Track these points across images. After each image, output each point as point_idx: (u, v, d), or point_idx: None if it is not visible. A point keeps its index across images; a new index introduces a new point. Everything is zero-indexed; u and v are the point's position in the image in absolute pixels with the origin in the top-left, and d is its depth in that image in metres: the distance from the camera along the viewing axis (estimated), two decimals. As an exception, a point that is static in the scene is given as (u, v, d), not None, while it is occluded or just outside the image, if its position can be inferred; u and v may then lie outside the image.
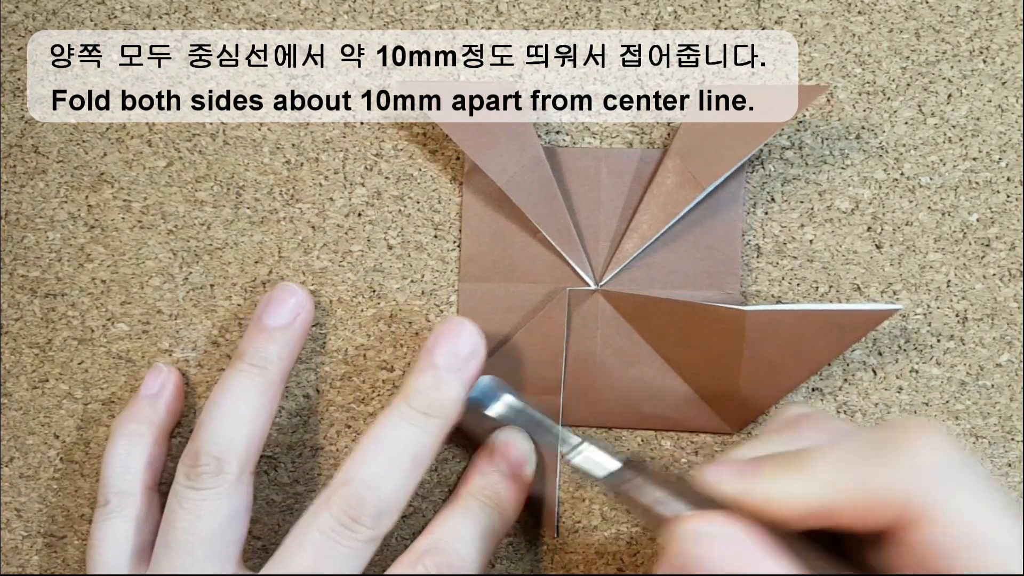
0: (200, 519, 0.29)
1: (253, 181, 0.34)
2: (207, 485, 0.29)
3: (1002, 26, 0.32)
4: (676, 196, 0.31)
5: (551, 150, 0.33)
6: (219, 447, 0.29)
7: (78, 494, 0.35)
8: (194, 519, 0.29)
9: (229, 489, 0.29)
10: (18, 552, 0.35)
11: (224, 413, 0.30)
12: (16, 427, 0.35)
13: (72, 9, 0.35)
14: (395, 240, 0.34)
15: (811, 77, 0.32)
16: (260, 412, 0.30)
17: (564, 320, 0.32)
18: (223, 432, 0.29)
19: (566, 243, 0.32)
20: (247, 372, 0.30)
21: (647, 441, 0.33)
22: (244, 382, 0.30)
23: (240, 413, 0.30)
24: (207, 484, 0.29)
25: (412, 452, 0.28)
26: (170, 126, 0.34)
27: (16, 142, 0.35)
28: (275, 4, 0.34)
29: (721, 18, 0.33)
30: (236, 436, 0.30)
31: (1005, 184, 0.32)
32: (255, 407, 0.30)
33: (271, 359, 0.31)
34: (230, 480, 0.29)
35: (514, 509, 0.31)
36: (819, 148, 0.32)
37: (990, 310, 0.32)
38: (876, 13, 0.32)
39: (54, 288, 0.35)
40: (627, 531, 0.33)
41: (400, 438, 0.28)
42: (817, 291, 0.32)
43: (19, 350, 0.35)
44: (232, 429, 0.30)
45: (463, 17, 0.33)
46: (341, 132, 0.34)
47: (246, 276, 0.34)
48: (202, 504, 0.29)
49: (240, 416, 0.30)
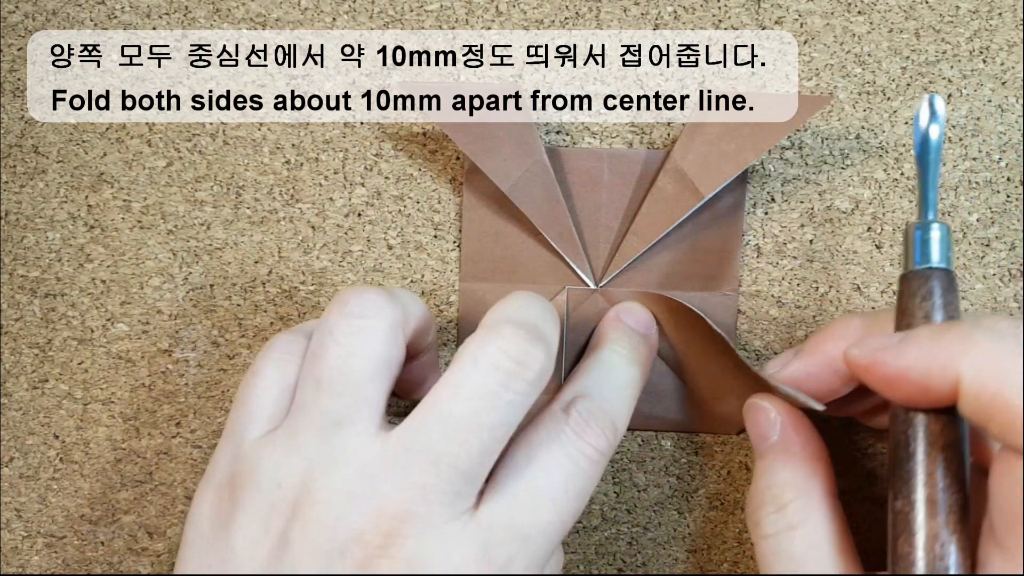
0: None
1: (253, 181, 0.34)
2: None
3: (1002, 26, 0.32)
4: (676, 203, 0.31)
5: (553, 150, 0.33)
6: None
7: (78, 494, 0.35)
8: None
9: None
10: (18, 552, 0.35)
11: None
12: (16, 427, 0.35)
13: (72, 9, 0.35)
14: (395, 240, 0.34)
15: (811, 77, 0.32)
16: None
17: (564, 320, 0.32)
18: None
19: (567, 245, 0.32)
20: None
21: (647, 441, 0.33)
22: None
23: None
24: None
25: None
26: (170, 126, 0.34)
27: (16, 142, 0.35)
28: (275, 4, 0.34)
29: (721, 18, 0.33)
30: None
31: (1005, 184, 0.32)
32: None
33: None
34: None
35: (649, 367, 0.30)
36: (819, 148, 0.32)
37: (990, 310, 0.32)
38: (876, 13, 0.32)
39: (54, 288, 0.35)
40: (627, 531, 0.33)
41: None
42: (817, 291, 0.32)
43: (19, 350, 0.35)
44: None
45: (463, 17, 0.33)
46: (341, 132, 0.34)
47: (246, 276, 0.34)
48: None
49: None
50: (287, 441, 0.26)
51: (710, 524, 0.33)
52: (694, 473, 0.33)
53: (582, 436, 0.26)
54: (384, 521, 0.24)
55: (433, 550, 0.24)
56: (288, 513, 0.25)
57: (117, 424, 0.34)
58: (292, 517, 0.25)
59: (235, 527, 0.25)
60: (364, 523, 0.24)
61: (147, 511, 0.34)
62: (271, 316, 0.34)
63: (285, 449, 0.25)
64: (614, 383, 0.28)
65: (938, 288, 0.25)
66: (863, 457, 0.32)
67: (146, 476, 0.34)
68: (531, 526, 0.25)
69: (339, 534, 0.24)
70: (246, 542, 0.25)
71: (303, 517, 0.24)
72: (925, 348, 0.23)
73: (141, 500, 0.34)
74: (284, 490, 0.25)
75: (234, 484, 0.26)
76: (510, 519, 0.25)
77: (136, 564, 0.34)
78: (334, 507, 0.24)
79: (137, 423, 0.34)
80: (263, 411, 0.27)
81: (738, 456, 0.33)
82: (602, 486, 0.33)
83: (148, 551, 0.34)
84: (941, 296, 0.25)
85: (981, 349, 0.23)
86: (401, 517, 0.24)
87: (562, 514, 0.25)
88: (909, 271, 0.26)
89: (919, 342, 0.24)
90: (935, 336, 0.24)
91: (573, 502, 0.26)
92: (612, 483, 0.33)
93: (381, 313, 0.26)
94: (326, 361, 0.26)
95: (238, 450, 0.26)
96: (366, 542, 0.24)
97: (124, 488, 0.34)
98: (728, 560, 0.33)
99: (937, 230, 0.26)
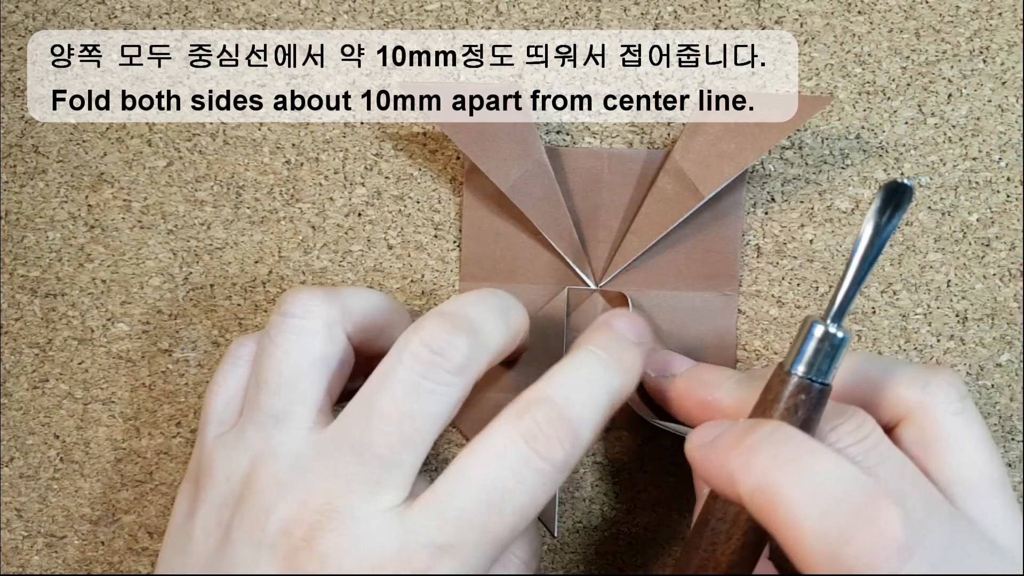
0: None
1: (253, 181, 0.34)
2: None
3: (1002, 26, 0.32)
4: (676, 203, 0.31)
5: (553, 150, 0.33)
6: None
7: (78, 494, 0.35)
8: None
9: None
10: (18, 552, 0.35)
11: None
12: (16, 427, 0.35)
13: (72, 9, 0.35)
14: (395, 240, 0.34)
15: (811, 77, 0.32)
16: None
17: (564, 320, 0.32)
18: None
19: (567, 246, 0.32)
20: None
21: (647, 441, 0.33)
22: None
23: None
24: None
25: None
26: (170, 126, 0.34)
27: (16, 142, 0.35)
28: (275, 4, 0.34)
29: (721, 18, 0.33)
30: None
31: (1005, 184, 0.32)
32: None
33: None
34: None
35: (636, 377, 0.27)
36: (819, 148, 0.32)
37: (990, 310, 0.32)
38: (876, 13, 0.32)
39: (54, 288, 0.35)
40: (627, 531, 0.33)
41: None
42: (817, 291, 0.32)
43: (19, 350, 0.35)
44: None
45: (463, 17, 0.33)
46: (341, 132, 0.34)
47: (246, 276, 0.34)
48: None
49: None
50: (236, 439, 0.27)
51: (710, 524, 0.33)
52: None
53: (532, 445, 0.24)
54: (308, 514, 0.24)
55: (351, 545, 0.24)
56: (234, 505, 0.26)
57: (117, 424, 0.34)
58: (235, 509, 0.25)
59: (196, 519, 0.26)
60: (291, 515, 0.24)
61: (147, 511, 0.34)
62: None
63: (234, 446, 0.27)
64: (585, 388, 0.26)
65: (806, 405, 0.24)
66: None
67: (146, 476, 0.34)
68: (455, 534, 0.24)
69: (270, 526, 0.24)
70: (202, 533, 0.26)
71: (242, 510, 0.25)
72: (720, 460, 0.23)
73: (141, 500, 0.34)
74: (232, 484, 0.26)
75: (199, 479, 0.27)
76: (435, 524, 0.24)
77: (136, 564, 0.34)
78: (266, 499, 0.25)
79: (137, 423, 0.34)
80: (217, 414, 0.28)
81: (738, 456, 0.33)
82: (602, 486, 0.33)
83: (148, 551, 0.34)
84: (805, 413, 0.24)
85: (757, 472, 0.22)
86: (324, 510, 0.24)
87: (493, 527, 0.24)
88: (790, 371, 0.24)
89: (718, 449, 0.23)
90: (729, 447, 0.23)
91: (508, 517, 0.24)
92: (612, 483, 0.33)
93: (313, 312, 0.27)
94: (263, 361, 0.27)
95: (201, 449, 0.28)
96: (291, 534, 0.24)
97: (124, 488, 0.34)
98: (728, 560, 0.33)
99: (840, 343, 0.24)
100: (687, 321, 0.32)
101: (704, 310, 0.32)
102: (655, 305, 0.32)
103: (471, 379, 0.26)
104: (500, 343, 0.27)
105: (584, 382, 0.26)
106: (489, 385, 0.32)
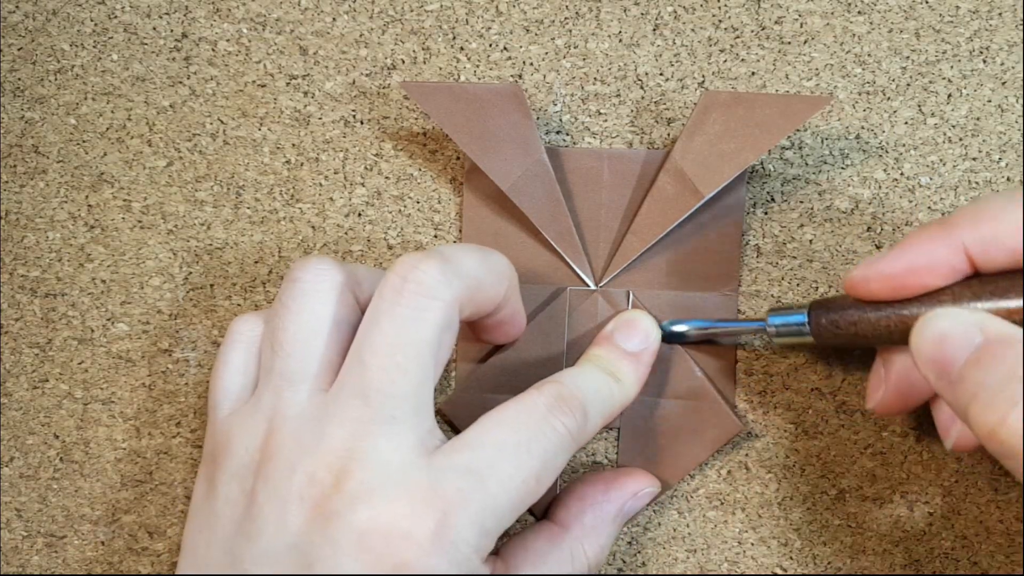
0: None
1: (253, 181, 0.34)
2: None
3: (1002, 26, 0.32)
4: (676, 203, 0.31)
5: (553, 150, 0.33)
6: None
7: (78, 494, 0.35)
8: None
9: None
10: (18, 552, 0.35)
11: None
12: (16, 427, 0.35)
13: (72, 9, 0.35)
14: (395, 240, 0.34)
15: (811, 77, 0.32)
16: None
17: (564, 320, 0.32)
18: None
19: (567, 246, 0.32)
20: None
21: (647, 441, 0.33)
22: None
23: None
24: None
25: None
26: (170, 126, 0.34)
27: (16, 142, 0.35)
28: (275, 4, 0.34)
29: (721, 18, 0.33)
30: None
31: (1005, 184, 0.32)
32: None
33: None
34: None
35: (634, 385, 0.30)
36: (819, 148, 0.32)
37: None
38: (876, 13, 0.32)
39: (54, 288, 0.35)
40: (627, 531, 0.33)
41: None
42: (817, 291, 0.32)
43: (19, 350, 0.35)
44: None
45: (463, 17, 0.33)
46: (341, 132, 0.34)
47: (246, 276, 0.34)
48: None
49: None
50: (252, 407, 0.27)
51: (710, 524, 0.33)
52: (694, 473, 0.33)
53: (552, 411, 0.27)
54: (332, 460, 0.25)
55: (379, 481, 0.25)
56: (255, 470, 0.26)
57: (117, 424, 0.34)
58: (257, 474, 0.26)
59: (218, 495, 0.27)
60: (315, 465, 0.25)
61: (147, 511, 0.34)
62: (271, 316, 0.34)
63: (250, 414, 0.27)
64: (589, 384, 0.28)
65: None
66: (863, 457, 0.32)
67: (146, 476, 0.34)
68: (487, 468, 0.25)
69: (296, 480, 0.25)
70: (225, 505, 0.26)
71: (265, 472, 0.26)
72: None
73: (141, 500, 0.34)
74: (251, 452, 0.27)
75: (215, 457, 0.28)
76: (465, 460, 0.25)
77: (136, 564, 0.34)
78: (287, 457, 0.26)
79: (137, 423, 0.34)
80: (225, 391, 0.29)
81: (738, 456, 0.33)
82: (602, 486, 0.33)
83: (148, 551, 0.34)
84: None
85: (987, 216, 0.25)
86: (346, 455, 0.25)
87: (522, 469, 0.25)
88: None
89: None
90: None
91: (535, 460, 0.26)
92: (612, 483, 0.33)
93: (322, 276, 0.28)
94: (276, 324, 0.28)
95: (213, 428, 0.29)
96: (319, 481, 0.25)
97: (124, 488, 0.34)
98: (728, 560, 0.33)
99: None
100: (687, 321, 0.32)
101: (704, 310, 0.32)
102: (655, 305, 0.32)
103: (449, 302, 0.26)
104: (476, 274, 0.27)
105: (588, 381, 0.28)
106: (489, 386, 0.32)
